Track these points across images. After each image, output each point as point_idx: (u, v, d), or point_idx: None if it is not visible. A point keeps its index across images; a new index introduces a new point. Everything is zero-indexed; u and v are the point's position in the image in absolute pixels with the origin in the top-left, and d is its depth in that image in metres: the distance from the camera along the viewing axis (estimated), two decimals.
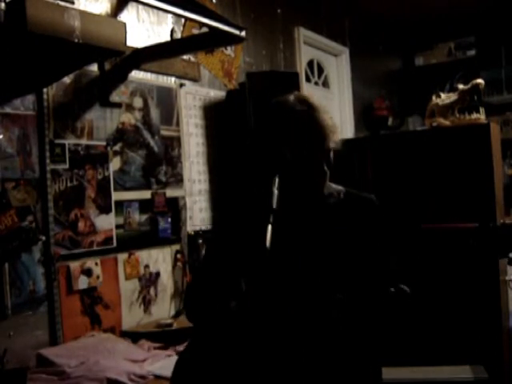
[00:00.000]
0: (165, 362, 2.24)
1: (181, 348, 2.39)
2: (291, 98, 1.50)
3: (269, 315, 1.30)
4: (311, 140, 1.43)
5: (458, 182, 3.02)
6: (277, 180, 1.29)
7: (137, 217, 2.84)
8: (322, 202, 1.53)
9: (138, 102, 2.90)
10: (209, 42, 2.83)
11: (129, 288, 2.74)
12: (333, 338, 1.40)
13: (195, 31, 3.26)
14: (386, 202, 3.11)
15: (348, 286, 1.43)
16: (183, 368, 1.44)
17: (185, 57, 3.21)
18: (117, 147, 2.77)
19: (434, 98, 3.25)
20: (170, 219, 3.02)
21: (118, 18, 2.80)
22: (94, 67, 2.63)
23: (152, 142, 2.97)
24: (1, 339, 2.14)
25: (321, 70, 4.94)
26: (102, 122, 2.70)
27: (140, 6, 2.93)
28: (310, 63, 4.75)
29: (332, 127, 1.47)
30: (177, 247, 3.05)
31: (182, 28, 3.24)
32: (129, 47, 2.59)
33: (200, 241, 3.18)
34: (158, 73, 3.04)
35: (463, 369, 2.47)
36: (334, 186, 1.59)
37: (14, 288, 2.24)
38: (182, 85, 3.20)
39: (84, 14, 2.18)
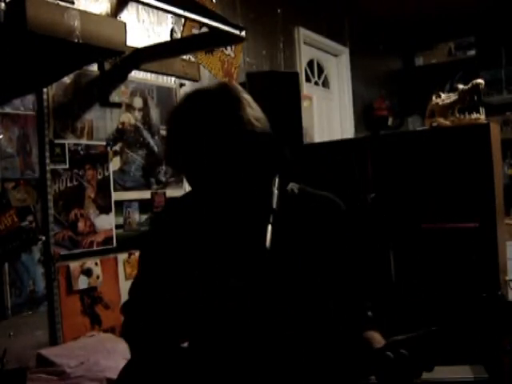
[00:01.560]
0: None
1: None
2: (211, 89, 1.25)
3: (267, 316, 1.27)
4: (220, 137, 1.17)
5: (458, 182, 3.02)
6: (277, 180, 1.27)
7: (137, 217, 2.84)
8: (265, 203, 1.24)
9: (137, 102, 2.90)
10: (209, 42, 2.83)
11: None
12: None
13: (195, 31, 3.26)
14: (386, 202, 3.11)
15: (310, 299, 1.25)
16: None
17: (185, 57, 3.21)
18: (117, 147, 2.76)
19: (434, 97, 3.24)
20: None
21: (118, 18, 2.80)
22: (94, 67, 2.63)
23: (152, 142, 2.97)
24: (1, 339, 2.14)
25: (321, 70, 4.94)
26: (101, 122, 2.70)
27: (140, 6, 2.93)
28: (310, 63, 4.75)
29: (251, 120, 1.20)
30: None
31: (181, 28, 3.24)
32: (129, 47, 2.58)
33: None
34: (157, 73, 3.04)
35: (463, 369, 2.46)
36: (309, 189, 1.35)
37: (13, 288, 2.24)
38: (181, 85, 3.20)
39: (84, 14, 2.18)
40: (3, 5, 2.12)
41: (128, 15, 2.89)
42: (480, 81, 3.12)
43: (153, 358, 1.27)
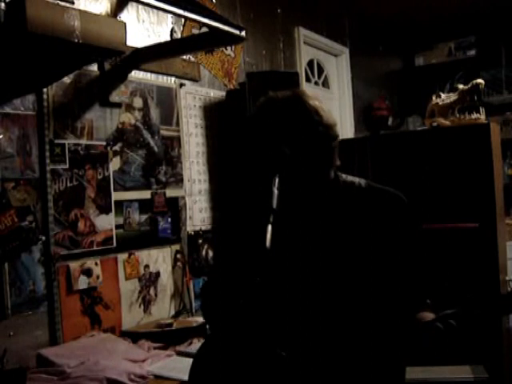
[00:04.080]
0: (165, 362, 2.24)
1: (181, 348, 2.40)
2: (287, 93, 1.41)
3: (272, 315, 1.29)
4: (309, 135, 1.34)
5: (458, 182, 3.02)
6: (277, 180, 1.27)
7: (137, 217, 2.84)
8: (334, 194, 1.42)
9: (137, 102, 2.90)
10: (209, 42, 2.83)
11: (129, 288, 2.74)
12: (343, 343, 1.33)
13: (195, 31, 3.26)
14: None
15: (364, 294, 1.34)
16: (200, 364, 1.44)
17: (185, 57, 3.21)
18: (117, 147, 2.76)
19: (434, 98, 3.24)
20: (169, 219, 3.02)
21: (118, 18, 2.80)
22: (94, 67, 2.63)
23: (152, 142, 2.97)
24: (1, 339, 2.14)
25: (321, 69, 4.94)
26: (101, 121, 2.69)
27: (140, 6, 2.93)
28: (310, 63, 4.75)
29: (329, 120, 1.37)
30: (177, 247, 3.05)
31: (181, 28, 3.24)
32: (129, 47, 2.59)
33: (200, 241, 3.18)
34: (157, 73, 3.04)
35: (463, 369, 2.47)
36: (350, 177, 1.48)
37: (13, 288, 2.24)
38: (181, 85, 3.20)
39: (84, 14, 2.18)
40: (3, 5, 2.12)
41: (128, 15, 2.89)
42: (480, 81, 3.12)
43: (220, 315, 1.40)
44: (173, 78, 3.16)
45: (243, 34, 2.66)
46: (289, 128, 1.33)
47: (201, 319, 2.63)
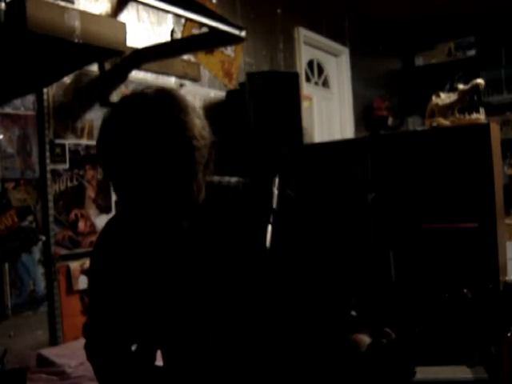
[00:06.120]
0: None
1: None
2: (147, 95, 1.14)
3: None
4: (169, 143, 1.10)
5: (458, 182, 3.02)
6: (277, 180, 1.27)
7: None
8: (202, 211, 1.19)
9: None
10: (209, 41, 2.83)
11: None
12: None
13: (195, 31, 3.26)
14: (386, 202, 3.11)
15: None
16: None
17: (185, 57, 3.21)
18: None
19: (434, 98, 3.24)
20: None
21: (118, 18, 2.80)
22: (94, 67, 2.63)
23: None
24: (1, 339, 2.14)
25: (321, 70, 4.94)
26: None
27: (140, 6, 2.93)
28: (310, 63, 4.75)
29: (199, 130, 1.19)
30: None
31: (182, 28, 3.24)
32: (129, 47, 2.58)
33: None
34: (158, 73, 3.04)
35: (463, 369, 2.46)
36: (227, 179, 1.28)
37: (14, 288, 2.24)
38: (181, 85, 3.20)
39: (84, 14, 2.18)
40: (3, 5, 2.12)
41: (128, 15, 2.89)
42: (480, 81, 3.11)
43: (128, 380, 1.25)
44: (173, 78, 3.16)
45: (243, 34, 2.66)
46: (147, 133, 1.10)
47: None
